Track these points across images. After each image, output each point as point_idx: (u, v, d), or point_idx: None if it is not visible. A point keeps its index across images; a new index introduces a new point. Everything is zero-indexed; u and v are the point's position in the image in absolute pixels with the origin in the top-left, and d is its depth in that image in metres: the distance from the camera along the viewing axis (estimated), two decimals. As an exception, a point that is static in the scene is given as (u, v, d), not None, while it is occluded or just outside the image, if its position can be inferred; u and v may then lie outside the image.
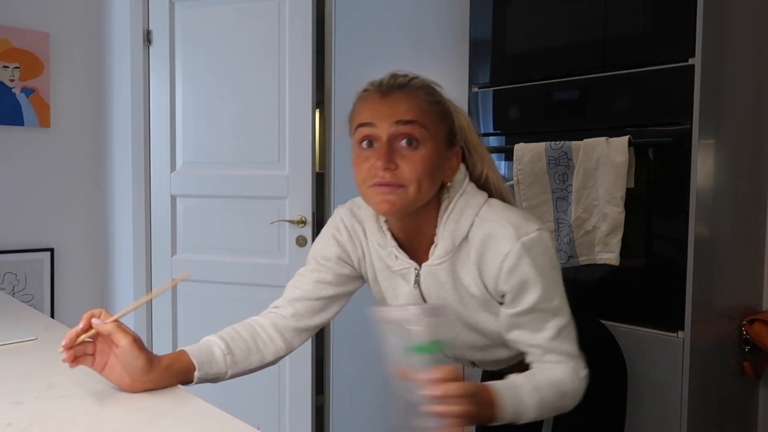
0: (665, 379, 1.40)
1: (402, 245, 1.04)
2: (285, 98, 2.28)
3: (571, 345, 0.98)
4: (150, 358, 0.90)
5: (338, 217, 1.11)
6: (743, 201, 1.60)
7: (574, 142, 1.50)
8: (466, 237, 0.98)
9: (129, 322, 2.54)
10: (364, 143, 0.96)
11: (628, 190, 1.42)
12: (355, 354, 2.19)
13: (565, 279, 1.59)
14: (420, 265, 1.02)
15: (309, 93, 2.25)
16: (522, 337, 0.98)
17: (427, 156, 0.95)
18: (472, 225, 0.98)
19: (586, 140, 1.48)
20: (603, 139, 1.45)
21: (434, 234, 1.00)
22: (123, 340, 0.87)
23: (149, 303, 2.52)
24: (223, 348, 1.00)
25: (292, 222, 2.28)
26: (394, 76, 0.98)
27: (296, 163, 2.28)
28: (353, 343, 2.19)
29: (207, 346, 0.99)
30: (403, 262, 1.02)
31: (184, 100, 2.44)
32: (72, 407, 0.83)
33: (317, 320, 1.11)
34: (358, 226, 1.08)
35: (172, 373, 0.93)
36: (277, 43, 2.28)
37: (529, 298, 0.95)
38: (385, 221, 1.05)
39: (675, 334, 1.39)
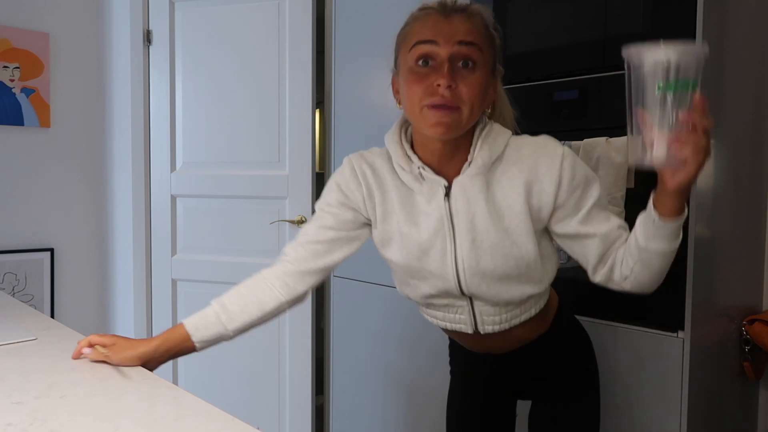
0: (665, 379, 1.40)
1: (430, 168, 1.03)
2: (285, 98, 2.28)
3: None
4: (142, 356, 1.02)
5: (345, 162, 1.11)
6: (743, 201, 1.60)
7: (574, 142, 1.50)
8: (501, 156, 1.00)
9: (129, 326, 2.55)
10: (421, 61, 0.95)
11: (628, 190, 1.42)
12: (355, 354, 2.19)
13: (565, 279, 1.60)
14: (449, 182, 1.01)
15: (309, 93, 2.25)
16: (602, 228, 0.99)
17: (482, 79, 0.96)
18: (507, 145, 1.01)
19: (586, 140, 1.48)
20: (603, 139, 1.45)
21: (466, 157, 1.01)
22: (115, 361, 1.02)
23: (149, 303, 2.52)
24: (217, 309, 1.08)
25: (292, 222, 2.28)
26: (450, 1, 0.98)
27: (296, 163, 2.28)
28: (353, 343, 2.19)
29: (203, 311, 1.09)
30: (431, 177, 1.01)
31: (184, 100, 2.44)
32: (72, 407, 0.83)
33: (321, 263, 1.10)
34: (366, 166, 1.08)
35: (168, 351, 1.05)
36: (277, 43, 2.28)
37: (594, 193, 0.99)
38: (411, 147, 1.05)
39: (675, 334, 1.39)
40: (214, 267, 2.38)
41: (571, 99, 1.55)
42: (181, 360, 2.41)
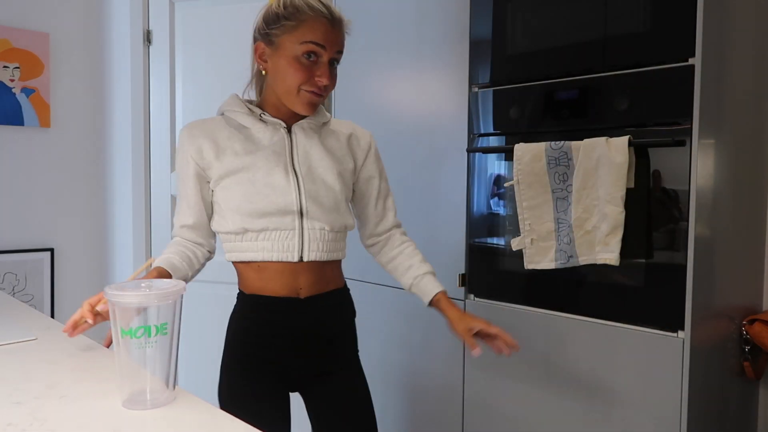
0: (665, 379, 1.40)
1: None
2: (285, 98, 2.28)
3: None
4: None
5: (185, 138, 1.29)
6: (743, 201, 1.60)
7: (574, 142, 1.50)
8: (327, 123, 1.36)
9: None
10: (306, 55, 1.20)
11: (628, 190, 1.42)
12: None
13: (565, 279, 1.60)
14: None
15: (309, 93, 2.25)
16: (392, 205, 1.44)
17: (337, 75, 1.28)
18: (330, 119, 1.37)
19: (586, 140, 1.48)
20: (603, 139, 1.45)
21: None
22: None
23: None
24: (179, 259, 1.28)
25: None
26: (332, 8, 1.25)
27: (296, 163, 2.28)
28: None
29: (169, 260, 1.27)
30: (271, 120, 1.28)
31: (184, 100, 2.44)
32: (72, 407, 0.83)
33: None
34: (202, 135, 1.29)
35: None
36: (277, 43, 2.28)
37: (384, 176, 1.43)
38: (258, 106, 1.32)
39: (675, 334, 1.39)
40: (213, 267, 2.38)
41: (571, 99, 1.55)
42: (181, 360, 2.41)
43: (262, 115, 1.28)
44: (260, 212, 1.22)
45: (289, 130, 1.29)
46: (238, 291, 1.32)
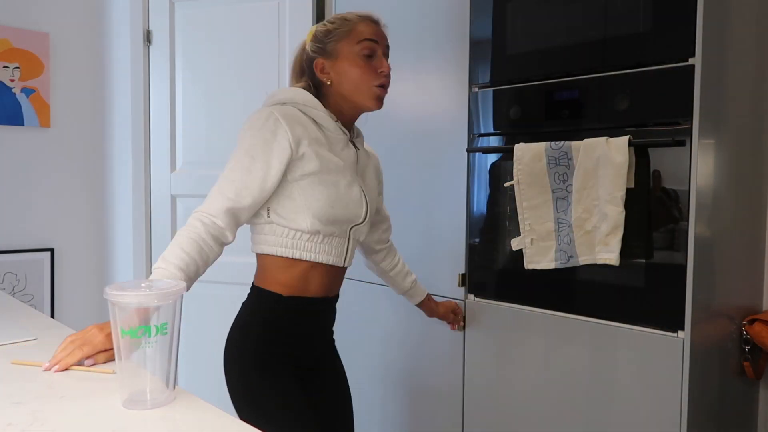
0: (665, 379, 1.40)
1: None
2: (285, 98, 2.28)
3: None
4: None
5: (287, 119, 1.23)
6: (743, 201, 1.60)
7: (574, 142, 1.50)
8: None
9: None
10: (367, 52, 1.28)
11: (628, 190, 1.42)
12: (357, 354, 2.19)
13: (565, 279, 1.60)
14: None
15: (309, 93, 2.25)
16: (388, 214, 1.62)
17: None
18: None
19: (586, 140, 1.48)
20: (603, 139, 1.45)
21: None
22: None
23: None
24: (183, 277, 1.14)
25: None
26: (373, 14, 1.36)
27: (296, 163, 2.28)
28: (355, 344, 2.19)
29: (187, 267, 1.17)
30: (344, 129, 1.33)
31: (184, 100, 2.44)
32: (72, 407, 0.83)
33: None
34: (299, 123, 1.25)
35: None
36: (277, 43, 2.28)
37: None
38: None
39: (675, 334, 1.39)
40: (213, 267, 2.38)
41: (571, 99, 1.55)
42: (181, 360, 2.41)
43: (337, 122, 1.31)
44: (336, 219, 1.27)
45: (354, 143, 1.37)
46: (261, 290, 1.30)
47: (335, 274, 1.34)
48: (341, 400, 1.46)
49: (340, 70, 1.29)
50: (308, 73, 1.34)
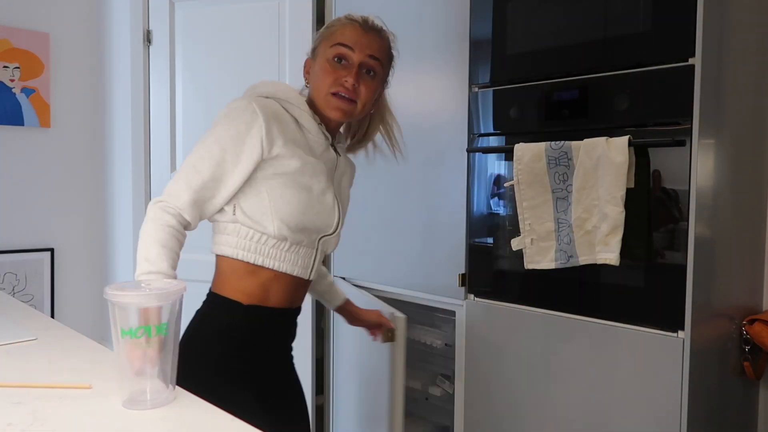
0: (665, 379, 1.40)
1: None
2: (285, 98, 2.28)
3: None
4: None
5: (260, 112, 1.15)
6: (743, 201, 1.60)
7: (574, 142, 1.50)
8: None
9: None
10: (336, 59, 1.20)
11: (628, 190, 1.42)
12: (355, 354, 2.19)
13: (565, 279, 1.60)
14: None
15: (309, 93, 2.25)
16: None
17: (377, 86, 1.26)
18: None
19: (586, 140, 1.48)
20: (603, 139, 1.45)
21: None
22: None
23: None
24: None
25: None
26: (370, 18, 1.26)
27: (296, 163, 2.28)
28: (353, 343, 2.19)
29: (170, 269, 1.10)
30: (326, 133, 1.27)
31: (184, 100, 2.44)
32: (72, 407, 0.83)
33: None
34: (274, 118, 1.17)
35: None
36: (277, 43, 2.28)
37: None
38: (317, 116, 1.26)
39: (675, 334, 1.39)
40: (213, 267, 2.38)
41: (571, 99, 1.55)
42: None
43: (320, 125, 1.24)
44: (306, 227, 1.19)
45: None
46: (219, 297, 1.21)
47: (299, 285, 1.25)
48: (298, 418, 1.37)
49: (313, 72, 1.25)
50: None
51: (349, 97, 1.19)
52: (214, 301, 1.22)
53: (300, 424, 1.38)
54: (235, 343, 1.19)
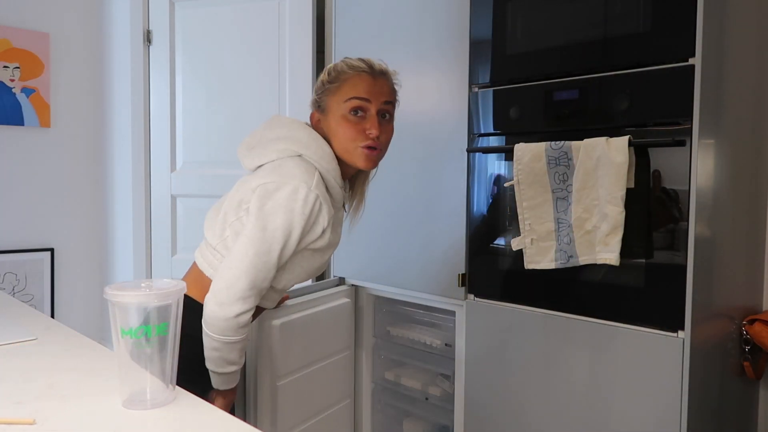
0: (665, 379, 1.40)
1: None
2: (285, 98, 2.28)
3: None
4: None
5: (314, 199, 1.20)
6: (743, 201, 1.60)
7: (574, 142, 1.50)
8: None
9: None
10: (353, 112, 1.24)
11: (628, 190, 1.42)
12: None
13: (566, 279, 1.60)
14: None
15: (309, 93, 2.25)
16: None
17: (392, 127, 1.30)
18: None
19: (586, 140, 1.48)
20: (603, 139, 1.45)
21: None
22: None
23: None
24: None
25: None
26: (374, 62, 1.28)
27: (296, 163, 2.28)
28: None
29: None
30: (345, 188, 1.34)
31: (184, 100, 2.44)
32: (72, 407, 0.83)
33: None
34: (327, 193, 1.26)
35: None
36: (277, 43, 2.28)
37: None
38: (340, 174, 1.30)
39: (675, 334, 1.39)
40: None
41: (571, 99, 1.55)
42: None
43: (342, 187, 1.31)
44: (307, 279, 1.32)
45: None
46: (193, 301, 1.24)
47: (261, 311, 1.37)
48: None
49: (329, 128, 1.27)
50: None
51: (376, 146, 1.25)
52: (192, 307, 1.21)
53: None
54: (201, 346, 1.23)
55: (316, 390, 1.87)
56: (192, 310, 1.18)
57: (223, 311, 1.15)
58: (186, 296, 1.20)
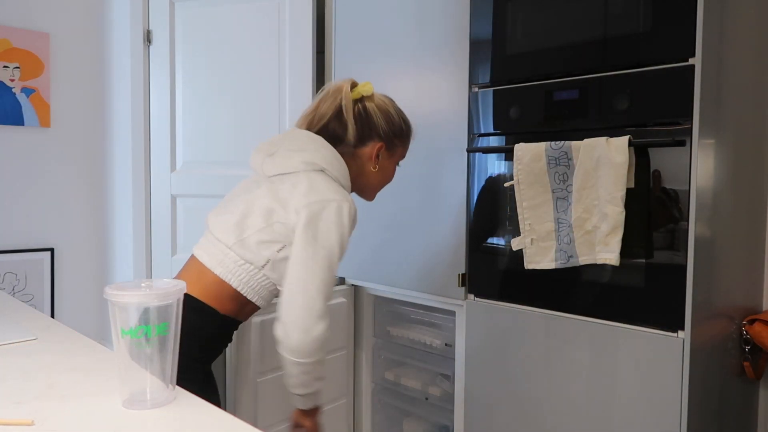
0: (665, 379, 1.40)
1: None
2: (285, 98, 2.28)
3: None
4: None
5: (354, 211, 1.31)
6: (743, 201, 1.60)
7: (574, 142, 1.50)
8: None
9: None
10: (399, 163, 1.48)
11: (628, 190, 1.42)
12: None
13: (565, 279, 1.60)
14: None
15: (309, 93, 2.25)
16: None
17: None
18: None
19: (586, 140, 1.48)
20: (603, 139, 1.45)
21: None
22: None
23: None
24: None
25: (292, 222, 2.28)
26: None
27: (296, 163, 2.28)
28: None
29: None
30: None
31: (184, 100, 2.44)
32: (72, 407, 0.83)
33: None
34: None
35: None
36: (277, 43, 2.28)
37: None
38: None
39: (675, 334, 1.39)
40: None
41: (571, 99, 1.55)
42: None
43: None
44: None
45: None
46: (197, 301, 1.28)
47: (256, 309, 1.41)
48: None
49: (386, 165, 1.43)
50: (346, 125, 1.36)
51: None
52: (193, 305, 1.26)
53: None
54: (203, 345, 1.29)
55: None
56: (193, 308, 1.21)
57: (310, 335, 1.20)
58: (187, 295, 1.24)
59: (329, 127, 1.37)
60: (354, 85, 1.39)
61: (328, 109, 1.36)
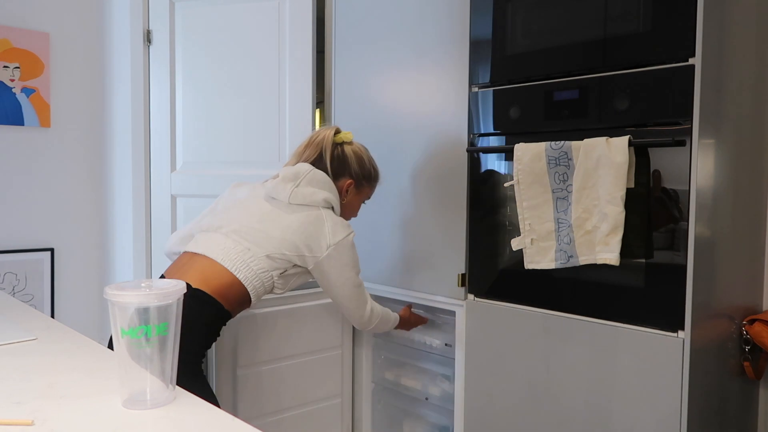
0: (665, 379, 1.40)
1: None
2: (285, 98, 2.28)
3: None
4: None
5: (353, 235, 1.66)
6: (743, 201, 1.60)
7: (574, 142, 1.50)
8: None
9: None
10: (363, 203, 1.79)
11: (628, 190, 1.42)
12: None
13: (565, 279, 1.60)
14: None
15: (309, 93, 2.25)
16: None
17: None
18: None
19: (586, 140, 1.48)
20: (603, 139, 1.45)
21: None
22: None
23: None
24: None
25: (292, 222, 2.28)
26: None
27: (296, 163, 2.28)
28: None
29: None
30: None
31: (184, 100, 2.44)
32: (72, 407, 0.83)
33: None
34: None
35: None
36: (277, 43, 2.28)
37: None
38: None
39: (675, 334, 1.39)
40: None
41: (571, 99, 1.55)
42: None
43: None
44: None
45: None
46: (208, 296, 1.45)
47: (248, 305, 1.60)
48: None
49: (352, 201, 1.73)
50: (325, 163, 1.67)
51: None
52: (203, 298, 1.44)
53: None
54: (206, 335, 1.46)
55: (291, 384, 1.93)
56: (203, 302, 1.42)
57: (370, 322, 1.73)
58: (198, 290, 1.42)
59: (325, 163, 1.68)
60: (338, 131, 1.69)
61: (314, 152, 1.67)
